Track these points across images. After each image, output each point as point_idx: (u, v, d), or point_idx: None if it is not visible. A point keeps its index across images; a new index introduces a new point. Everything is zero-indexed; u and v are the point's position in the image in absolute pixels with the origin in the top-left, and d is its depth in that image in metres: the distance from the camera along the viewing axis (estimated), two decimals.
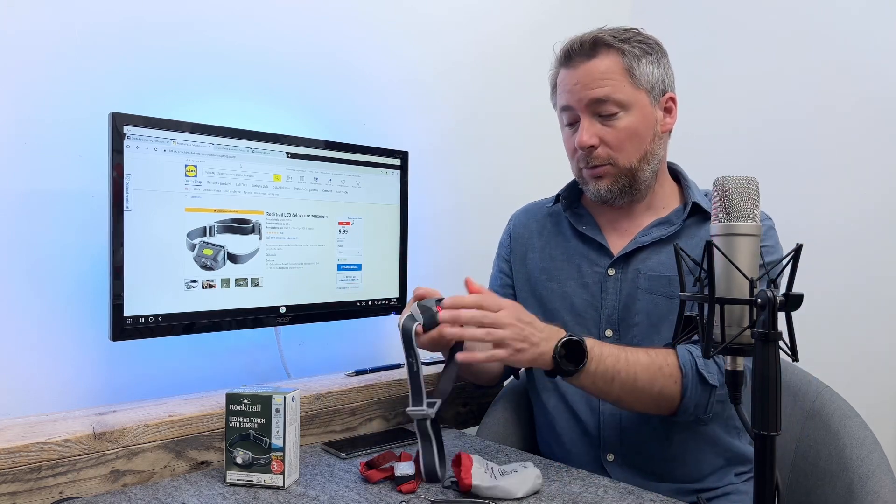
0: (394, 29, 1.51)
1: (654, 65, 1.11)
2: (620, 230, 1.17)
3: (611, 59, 1.08)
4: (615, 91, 1.07)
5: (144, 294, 1.03)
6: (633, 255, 1.13)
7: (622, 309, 1.12)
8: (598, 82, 1.08)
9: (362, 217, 1.30)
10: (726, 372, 0.71)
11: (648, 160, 1.11)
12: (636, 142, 1.10)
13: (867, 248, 1.57)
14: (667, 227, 1.13)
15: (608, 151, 1.10)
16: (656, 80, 1.11)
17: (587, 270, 1.16)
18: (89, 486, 0.93)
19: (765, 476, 0.64)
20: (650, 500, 0.91)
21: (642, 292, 1.11)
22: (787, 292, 0.65)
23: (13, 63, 1.04)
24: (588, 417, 1.13)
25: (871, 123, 1.57)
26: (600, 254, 1.16)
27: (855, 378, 1.54)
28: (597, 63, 1.09)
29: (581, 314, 1.15)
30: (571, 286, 1.17)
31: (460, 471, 0.90)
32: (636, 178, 1.11)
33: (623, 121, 1.08)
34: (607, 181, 1.11)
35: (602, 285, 1.14)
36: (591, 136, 1.09)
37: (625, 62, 1.08)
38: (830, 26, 1.63)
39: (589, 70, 1.09)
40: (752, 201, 0.70)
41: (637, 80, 1.09)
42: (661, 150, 1.14)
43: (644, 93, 1.10)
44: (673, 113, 1.15)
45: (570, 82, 1.11)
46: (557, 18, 1.86)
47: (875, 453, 1.07)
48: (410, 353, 0.96)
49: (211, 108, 1.22)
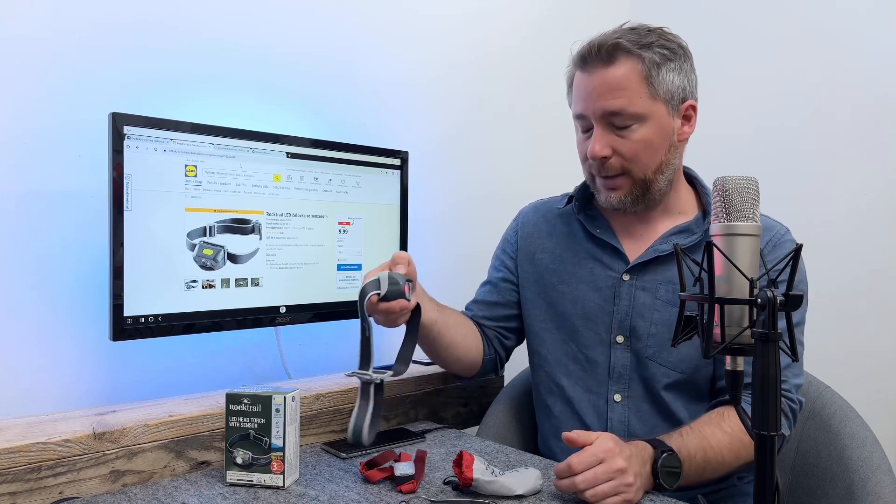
0: (394, 29, 1.51)
1: (676, 72, 1.06)
2: (636, 235, 1.15)
3: (629, 67, 1.03)
4: (631, 103, 1.03)
5: (144, 294, 1.03)
6: (651, 263, 1.11)
7: (635, 316, 1.10)
8: (613, 93, 1.03)
9: (362, 217, 1.30)
10: (726, 372, 0.71)
11: (663, 170, 1.08)
12: (651, 153, 1.06)
13: (867, 248, 1.57)
14: (687, 236, 1.11)
15: (622, 162, 1.06)
16: (676, 88, 1.06)
17: (600, 274, 1.14)
18: (89, 486, 0.93)
19: (765, 476, 0.64)
20: (650, 500, 0.91)
21: (662, 303, 1.09)
22: (787, 292, 0.65)
23: (13, 63, 1.04)
24: (595, 424, 1.12)
25: (871, 123, 1.57)
26: (615, 258, 1.14)
27: (855, 378, 1.54)
28: (614, 71, 1.04)
29: (592, 318, 1.14)
30: (583, 289, 1.15)
31: (461, 467, 0.90)
32: (650, 188, 1.09)
33: (638, 132, 1.05)
34: (621, 193, 1.09)
35: (616, 290, 1.12)
36: (603, 146, 1.05)
37: (644, 70, 1.03)
38: (831, 26, 1.62)
39: (605, 78, 1.04)
40: (752, 201, 0.70)
41: (655, 89, 1.04)
42: (677, 159, 1.11)
43: (662, 102, 1.05)
44: (692, 121, 1.11)
45: (586, 90, 1.07)
46: (557, 19, 1.86)
47: (875, 453, 1.07)
48: (363, 317, 0.96)
49: (211, 108, 1.22)
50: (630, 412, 1.10)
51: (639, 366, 1.10)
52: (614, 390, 1.11)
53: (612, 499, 0.87)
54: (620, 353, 1.11)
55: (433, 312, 1.12)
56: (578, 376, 1.15)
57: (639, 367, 1.10)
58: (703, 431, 0.99)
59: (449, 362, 1.22)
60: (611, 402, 1.11)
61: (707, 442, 0.98)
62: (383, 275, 0.97)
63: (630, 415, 1.10)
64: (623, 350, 1.11)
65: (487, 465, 0.93)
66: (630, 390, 1.10)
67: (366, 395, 0.96)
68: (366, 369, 0.96)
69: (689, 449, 0.96)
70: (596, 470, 0.87)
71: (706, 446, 0.97)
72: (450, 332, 1.16)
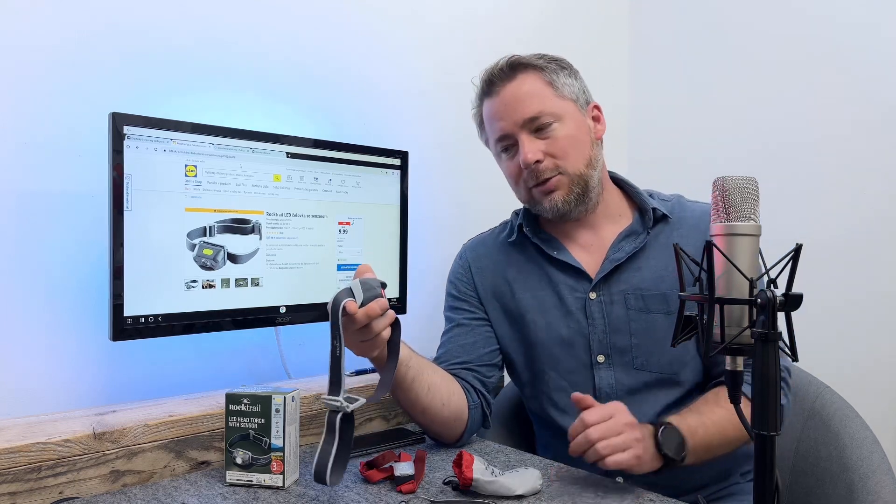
0: (394, 30, 1.51)
1: (572, 78, 1.14)
2: (586, 246, 1.15)
3: (532, 77, 1.10)
4: (544, 105, 1.09)
5: (144, 294, 1.03)
6: (612, 275, 1.11)
7: (613, 332, 1.09)
8: (526, 101, 1.09)
9: (362, 217, 1.30)
10: (726, 372, 0.71)
11: (594, 165, 1.12)
12: (578, 148, 1.10)
13: (867, 248, 1.57)
14: (635, 239, 1.12)
15: (555, 162, 1.09)
16: (578, 91, 1.13)
17: (568, 297, 1.13)
18: (89, 486, 0.93)
19: (765, 476, 0.64)
20: (650, 500, 0.91)
21: (635, 312, 1.09)
22: (787, 292, 0.65)
23: (13, 63, 1.04)
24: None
25: (871, 123, 1.57)
26: (577, 278, 1.13)
27: (855, 378, 1.54)
28: (520, 83, 1.10)
29: (569, 343, 1.11)
30: (555, 315, 1.13)
31: (461, 467, 0.90)
32: (588, 184, 1.11)
33: (560, 131, 1.09)
34: (562, 192, 1.10)
35: (586, 310, 1.11)
36: (534, 151, 1.08)
37: (545, 77, 1.11)
38: (831, 26, 1.62)
39: (514, 91, 1.10)
40: (751, 201, 0.70)
41: (560, 90, 1.11)
42: (601, 156, 1.15)
43: (570, 102, 1.11)
44: (601, 121, 1.16)
45: (500, 108, 1.11)
46: (556, 21, 1.86)
47: (875, 453, 1.07)
48: (336, 332, 0.85)
49: (211, 108, 1.22)
50: None
51: (626, 379, 1.09)
52: None
53: (623, 454, 0.89)
54: (605, 373, 1.10)
55: (405, 349, 1.02)
56: (566, 403, 1.11)
57: (625, 381, 1.09)
58: (701, 409, 1.01)
59: (432, 410, 1.07)
60: None
61: (706, 417, 0.99)
62: (354, 282, 0.89)
63: None
64: (606, 369, 1.10)
65: (487, 465, 0.93)
66: None
67: (331, 429, 0.85)
68: (335, 394, 0.85)
69: (688, 423, 0.97)
70: (608, 423, 0.91)
71: (706, 421, 0.99)
72: (427, 372, 1.07)
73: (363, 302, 0.88)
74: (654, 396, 1.08)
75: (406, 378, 1.03)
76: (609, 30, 2.01)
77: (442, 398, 1.08)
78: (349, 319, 0.88)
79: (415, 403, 1.06)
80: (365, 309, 0.88)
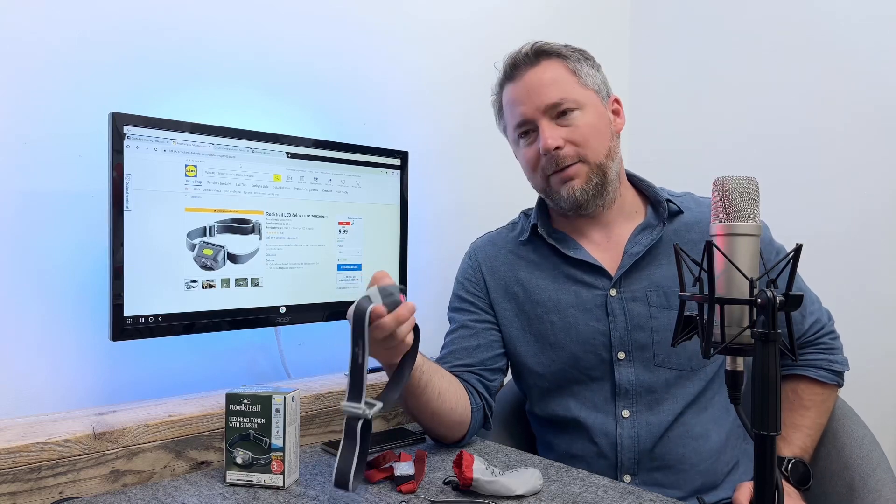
0: (395, 30, 1.51)
1: (595, 69, 1.14)
2: (601, 244, 1.15)
3: (555, 64, 1.10)
4: (567, 92, 1.08)
5: (144, 294, 1.03)
6: (631, 272, 1.10)
7: (634, 329, 1.08)
8: (549, 87, 1.08)
9: (362, 217, 1.30)
10: (726, 372, 0.71)
11: (613, 157, 1.12)
12: (599, 137, 1.10)
13: (867, 248, 1.57)
14: (651, 231, 1.12)
15: (575, 149, 1.08)
16: (600, 82, 1.13)
17: (586, 295, 1.11)
18: (89, 486, 0.93)
19: (765, 476, 0.64)
20: (650, 500, 0.91)
21: (657, 309, 1.08)
22: (787, 292, 0.65)
23: (13, 63, 1.04)
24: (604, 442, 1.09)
25: (871, 123, 1.57)
26: (596, 275, 1.12)
27: (855, 378, 1.54)
28: (543, 69, 1.10)
29: (589, 341, 1.10)
30: (573, 314, 1.12)
31: (461, 467, 0.90)
32: (606, 175, 1.10)
33: (581, 119, 1.09)
34: (580, 181, 1.09)
35: (607, 308, 1.10)
36: (554, 138, 1.07)
37: (569, 65, 1.10)
38: (831, 26, 1.62)
39: (538, 76, 1.10)
40: (751, 201, 0.70)
41: (584, 80, 1.11)
42: (619, 150, 1.15)
43: (593, 92, 1.11)
44: (621, 115, 1.16)
45: (522, 93, 1.11)
46: (557, 21, 1.86)
47: (875, 452, 1.08)
48: (359, 340, 0.83)
49: (211, 108, 1.22)
50: (639, 427, 1.08)
51: (645, 376, 1.08)
52: (622, 406, 1.09)
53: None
54: (625, 370, 1.09)
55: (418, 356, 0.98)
56: (584, 396, 1.11)
57: (645, 378, 1.08)
58: (795, 421, 1.12)
59: (441, 415, 1.06)
60: (619, 419, 1.08)
61: (806, 427, 1.11)
62: (372, 290, 0.87)
63: (639, 430, 1.08)
64: (626, 365, 1.09)
65: (487, 465, 0.93)
66: (637, 405, 1.08)
67: (351, 435, 0.84)
68: (356, 401, 0.84)
69: (800, 446, 1.10)
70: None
71: (808, 431, 1.11)
72: (438, 377, 1.05)
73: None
74: (673, 392, 1.08)
75: (419, 383, 1.01)
76: (609, 30, 2.01)
77: (451, 404, 1.07)
78: (375, 326, 0.86)
79: (424, 408, 1.05)
80: (395, 314, 0.86)
